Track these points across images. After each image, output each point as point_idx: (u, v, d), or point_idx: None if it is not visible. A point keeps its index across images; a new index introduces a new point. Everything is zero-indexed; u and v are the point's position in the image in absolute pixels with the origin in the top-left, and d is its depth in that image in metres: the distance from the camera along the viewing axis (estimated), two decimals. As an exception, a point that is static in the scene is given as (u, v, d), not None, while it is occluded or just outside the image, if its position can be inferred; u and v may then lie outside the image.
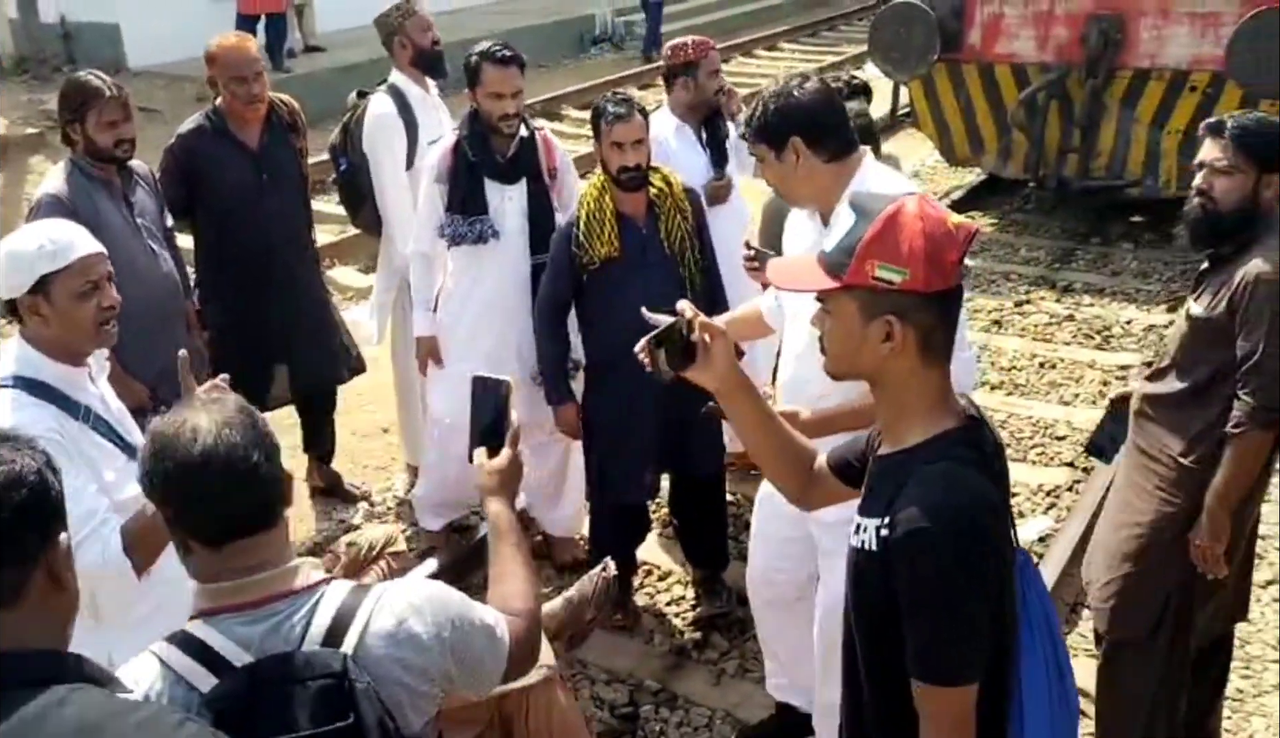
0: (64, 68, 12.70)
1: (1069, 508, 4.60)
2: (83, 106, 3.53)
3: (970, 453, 1.65)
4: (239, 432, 1.55)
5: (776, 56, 15.09)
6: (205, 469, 1.52)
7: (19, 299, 2.39)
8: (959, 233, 1.61)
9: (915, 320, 1.62)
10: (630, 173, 3.57)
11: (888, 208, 1.62)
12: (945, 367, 1.68)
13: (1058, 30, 7.27)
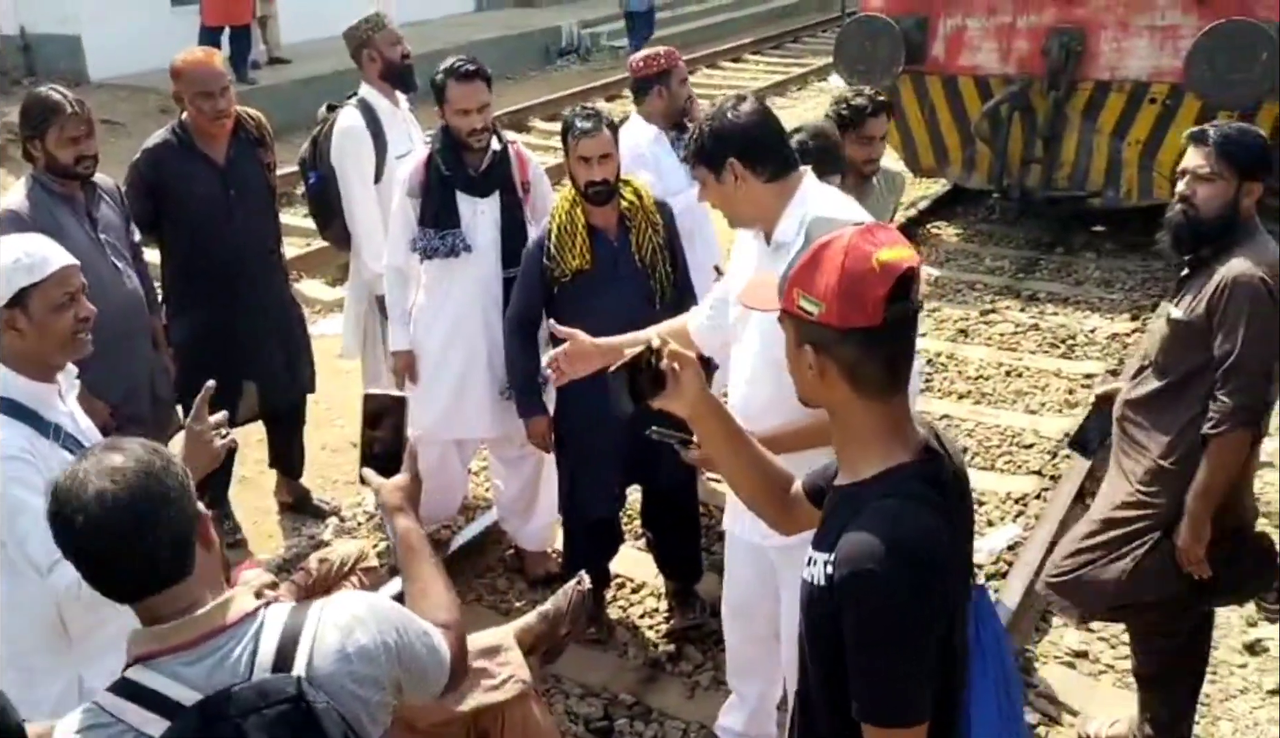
0: (24, 80, 12.55)
1: (1037, 516, 4.64)
2: (44, 122, 3.49)
3: (922, 488, 1.61)
4: (130, 488, 1.49)
5: (741, 68, 15.18)
6: (96, 536, 1.48)
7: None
8: (885, 270, 1.56)
9: (835, 354, 1.61)
10: (597, 187, 3.57)
11: (821, 238, 1.62)
12: (891, 400, 1.64)
13: (1019, 43, 7.37)
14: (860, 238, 1.60)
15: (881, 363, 1.61)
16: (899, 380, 1.64)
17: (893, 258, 1.57)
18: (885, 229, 1.65)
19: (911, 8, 7.55)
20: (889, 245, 1.59)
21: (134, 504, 1.48)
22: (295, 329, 4.50)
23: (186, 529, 1.54)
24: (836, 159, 3.51)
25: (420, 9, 15.69)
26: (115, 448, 1.55)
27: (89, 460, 1.52)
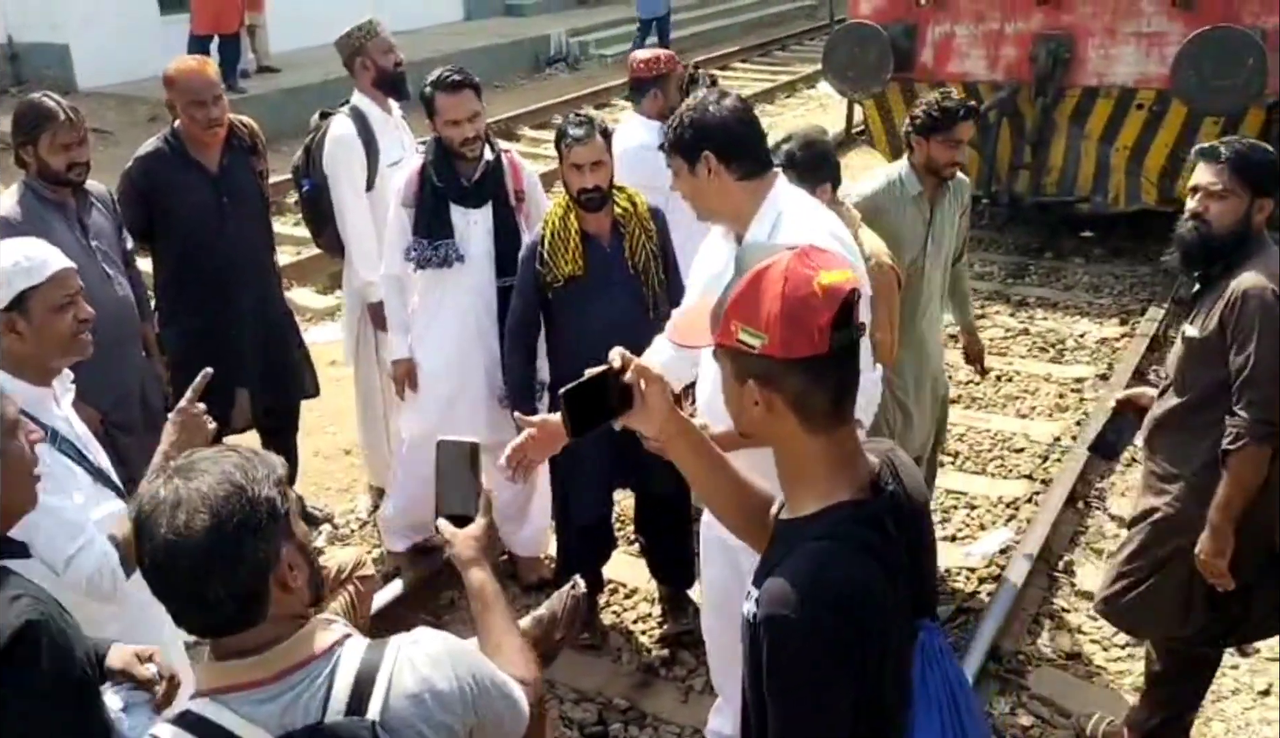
0: (11, 89, 12.53)
1: (1028, 520, 4.66)
2: (36, 129, 3.49)
3: (858, 530, 1.53)
4: (203, 531, 1.42)
5: (730, 76, 15.20)
6: (161, 582, 1.45)
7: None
8: (828, 294, 1.48)
9: (781, 386, 1.53)
10: (589, 194, 3.59)
11: (756, 266, 1.53)
12: (837, 431, 1.57)
13: (1007, 50, 7.41)
14: (798, 262, 1.52)
15: (829, 392, 1.54)
16: (845, 410, 1.57)
17: (835, 281, 1.50)
18: (820, 251, 1.57)
19: (899, 15, 7.60)
20: (828, 268, 1.51)
21: (203, 552, 1.42)
22: (289, 337, 4.50)
23: (258, 579, 1.46)
24: (829, 168, 3.52)
25: (410, 18, 15.68)
26: (202, 469, 1.48)
27: (176, 483, 1.46)
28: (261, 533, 1.46)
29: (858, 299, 1.52)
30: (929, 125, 3.79)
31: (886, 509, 1.57)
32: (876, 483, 1.60)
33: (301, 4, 13.53)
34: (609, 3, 18.76)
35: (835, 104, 11.52)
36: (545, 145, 11.68)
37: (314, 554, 1.61)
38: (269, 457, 1.55)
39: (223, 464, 1.49)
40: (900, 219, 3.84)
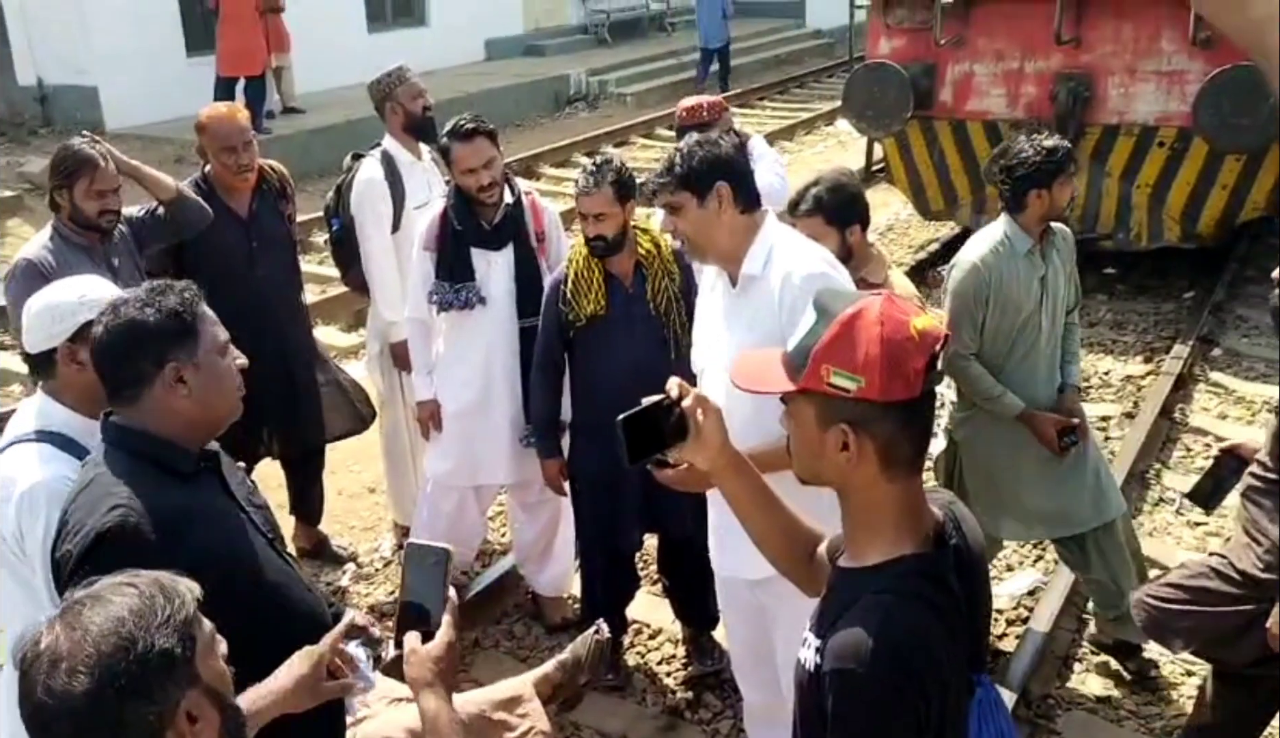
0: (41, 130, 12.74)
1: (1056, 561, 4.62)
2: (73, 174, 3.56)
3: (922, 585, 1.53)
4: (97, 674, 1.30)
5: (748, 113, 15.30)
6: (48, 732, 1.33)
7: (58, 348, 2.42)
8: (924, 339, 1.50)
9: (873, 431, 1.53)
10: (593, 242, 3.62)
11: (847, 310, 1.53)
12: (913, 480, 1.58)
13: (1027, 88, 7.44)
14: (890, 307, 1.52)
15: (915, 438, 1.55)
16: (922, 457, 1.58)
17: (928, 326, 1.52)
18: (903, 298, 1.58)
19: (919, 54, 7.65)
20: (917, 313, 1.53)
21: (79, 720, 1.30)
22: (315, 376, 4.53)
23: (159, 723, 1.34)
24: (858, 210, 3.53)
25: (432, 59, 15.89)
26: (91, 612, 1.35)
27: (57, 630, 1.35)
28: (151, 694, 1.33)
29: (944, 346, 1.53)
30: (1051, 171, 3.62)
31: (949, 564, 1.57)
32: (940, 535, 1.60)
33: (325, 46, 13.73)
34: (629, 42, 18.95)
35: (854, 141, 11.57)
36: (566, 184, 11.77)
37: (228, 697, 1.47)
38: (177, 585, 1.42)
39: (115, 607, 1.35)
40: (1013, 279, 3.66)
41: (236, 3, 11.71)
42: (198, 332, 2.05)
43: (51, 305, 2.47)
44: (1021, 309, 3.69)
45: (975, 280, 3.64)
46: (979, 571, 1.66)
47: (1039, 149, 3.63)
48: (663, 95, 15.90)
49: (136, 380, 2.01)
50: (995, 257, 3.65)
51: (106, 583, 1.40)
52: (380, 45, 15.30)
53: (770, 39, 20.19)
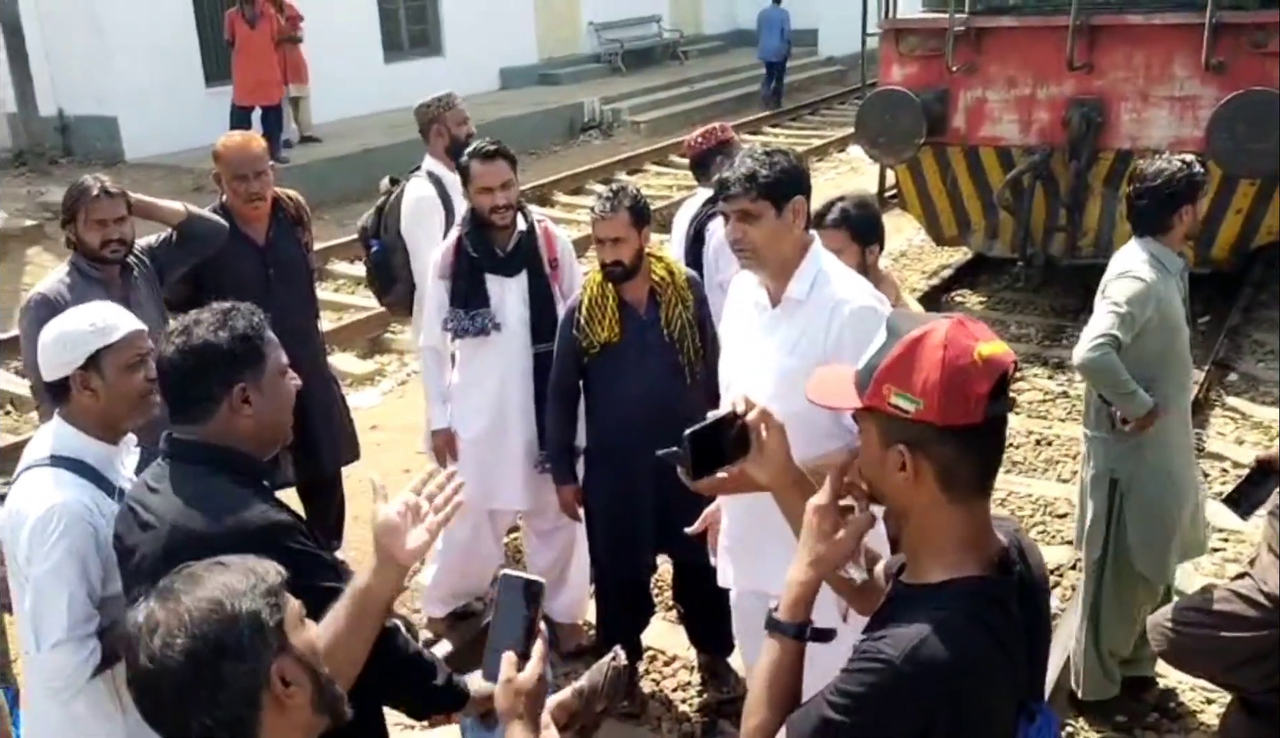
0: (61, 160, 12.89)
1: (1073, 587, 4.59)
2: (73, 208, 3.62)
3: (983, 608, 1.51)
4: (193, 634, 1.37)
5: (760, 140, 15.38)
6: (155, 697, 1.39)
7: (71, 375, 2.45)
8: (988, 364, 1.48)
9: (932, 453, 1.51)
10: (609, 267, 3.64)
11: (914, 331, 1.53)
12: (976, 504, 1.55)
13: (1040, 114, 7.47)
14: (958, 331, 1.51)
15: (977, 464, 1.53)
16: (988, 483, 1.57)
17: (995, 353, 1.49)
18: (976, 322, 1.55)
19: (931, 81, 7.68)
20: (987, 339, 1.51)
21: (180, 679, 1.37)
22: (334, 403, 4.56)
23: (244, 705, 1.40)
24: (879, 230, 3.55)
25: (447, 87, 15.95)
26: (183, 589, 1.43)
27: (153, 605, 1.42)
28: (244, 654, 1.39)
29: (1015, 372, 1.52)
30: (1198, 185, 3.55)
31: (1011, 590, 1.55)
32: (1005, 561, 1.58)
33: (343, 76, 13.87)
34: (642, 71, 19.08)
35: (867, 167, 11.61)
36: (579, 211, 11.84)
37: (321, 669, 1.50)
38: (260, 564, 1.49)
39: (206, 581, 1.43)
40: (1171, 301, 3.55)
41: (252, 35, 11.88)
42: (264, 355, 2.12)
43: (63, 334, 2.49)
44: (1180, 330, 3.60)
45: (1146, 295, 3.48)
46: (1041, 600, 1.65)
47: (1182, 164, 3.54)
48: (676, 123, 15.99)
49: (205, 400, 2.06)
50: (1159, 280, 3.51)
51: (198, 565, 1.48)
52: (396, 75, 15.47)
53: (782, 66, 20.29)
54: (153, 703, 1.39)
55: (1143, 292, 3.48)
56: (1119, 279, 3.54)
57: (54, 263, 9.82)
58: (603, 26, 19.31)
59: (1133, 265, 3.54)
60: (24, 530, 2.33)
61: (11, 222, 10.21)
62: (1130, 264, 3.56)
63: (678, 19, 20.96)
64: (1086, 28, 7.13)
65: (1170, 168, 3.54)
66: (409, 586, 4.81)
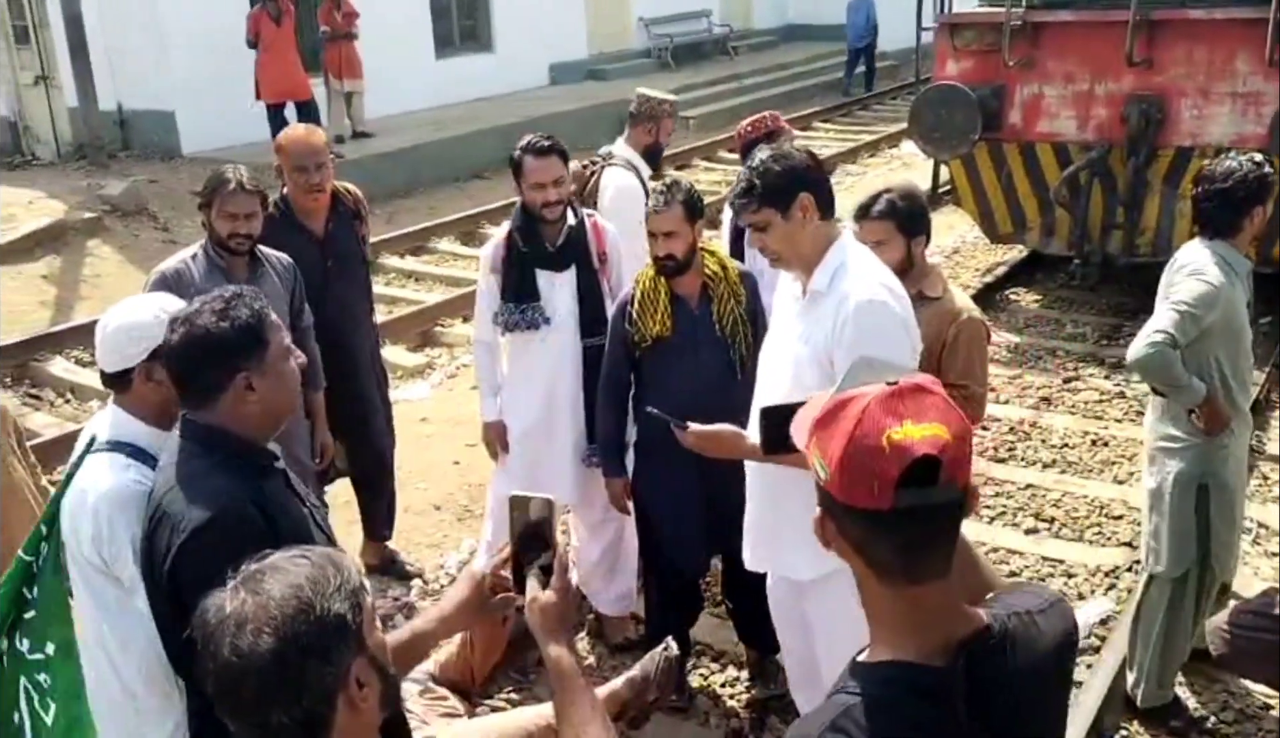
0: (120, 154, 13.12)
1: (1129, 589, 4.52)
2: (211, 193, 3.69)
3: (907, 699, 1.34)
4: (282, 634, 1.38)
5: (810, 136, 15.28)
6: (236, 692, 1.39)
7: (136, 366, 2.46)
8: (894, 451, 1.29)
9: (844, 527, 1.36)
10: (662, 262, 3.64)
11: (850, 391, 1.37)
12: (909, 589, 1.35)
13: (1098, 110, 7.35)
14: (880, 406, 1.32)
15: (894, 549, 1.34)
16: (918, 570, 1.35)
17: (909, 438, 1.29)
18: (920, 397, 1.34)
19: (987, 76, 7.59)
20: (916, 419, 1.31)
21: (266, 677, 1.38)
22: (382, 393, 4.62)
23: (323, 704, 1.41)
24: (926, 221, 3.53)
25: (497, 84, 16.13)
26: (270, 580, 1.43)
27: (243, 595, 1.42)
28: (329, 655, 1.40)
29: (945, 462, 1.30)
30: (1269, 185, 3.48)
31: (956, 684, 1.34)
32: (973, 648, 1.36)
33: (395, 72, 13.99)
34: (692, 66, 19.04)
35: (919, 163, 11.49)
36: (629, 206, 11.84)
37: (388, 666, 1.53)
38: (344, 562, 1.49)
39: (292, 575, 1.44)
40: (1237, 304, 3.50)
41: (278, 33, 12.05)
42: (267, 341, 2.16)
43: (128, 326, 2.49)
44: (1244, 332, 3.54)
45: (1214, 298, 3.42)
46: (1023, 696, 1.40)
47: (1253, 164, 3.47)
48: (725, 119, 15.92)
49: (211, 388, 2.13)
50: (1227, 282, 3.44)
51: (280, 556, 1.48)
52: (448, 71, 15.58)
53: (832, 61, 20.15)
54: (233, 697, 1.40)
55: (1210, 294, 3.41)
56: (1187, 279, 3.47)
57: (113, 255, 10.01)
58: (653, 22, 19.27)
59: (1202, 266, 3.47)
60: (87, 515, 2.34)
61: (71, 214, 10.40)
62: (1199, 264, 3.49)
63: (728, 14, 20.87)
64: (1146, 22, 7.00)
65: (1240, 168, 3.46)
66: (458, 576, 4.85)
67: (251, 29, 12.06)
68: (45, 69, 13.65)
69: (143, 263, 9.72)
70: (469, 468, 5.83)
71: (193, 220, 10.56)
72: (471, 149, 13.43)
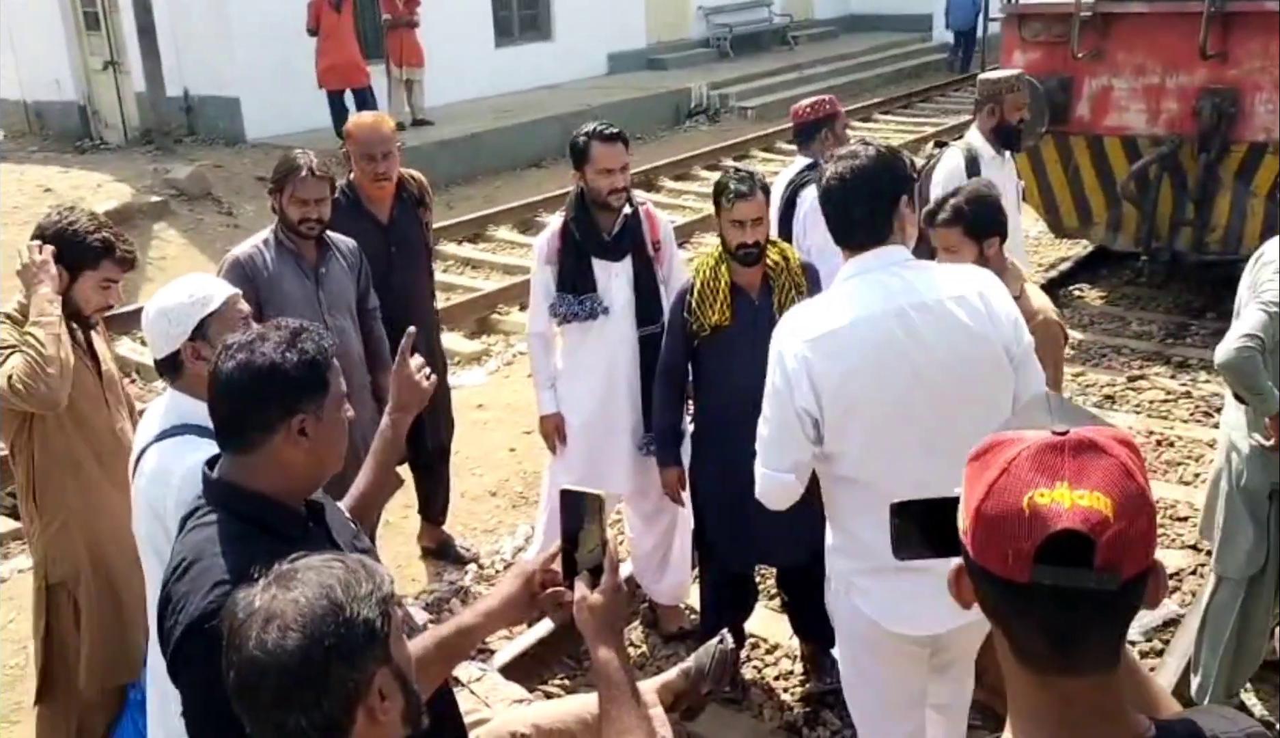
0: (185, 139, 13.35)
1: (1193, 593, 4.43)
2: (283, 179, 3.74)
3: None
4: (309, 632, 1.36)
5: (872, 128, 15.14)
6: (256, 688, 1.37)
7: (182, 347, 2.53)
8: (1034, 520, 1.07)
9: (980, 591, 1.15)
10: (748, 249, 3.62)
11: (1011, 430, 1.15)
12: (1057, 681, 1.13)
13: (1169, 103, 7.18)
14: (1032, 458, 1.10)
15: (1037, 630, 1.12)
16: (1076, 660, 1.12)
17: (1055, 505, 1.07)
18: (1090, 456, 1.10)
19: (1055, 68, 7.45)
20: (1073, 482, 1.08)
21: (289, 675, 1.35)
22: (442, 379, 4.65)
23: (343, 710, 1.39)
24: (999, 222, 3.46)
25: (556, 73, 16.17)
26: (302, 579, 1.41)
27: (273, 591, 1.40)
28: (354, 660, 1.38)
29: (1103, 542, 1.06)
30: None
31: None
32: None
33: (455, 60, 14.08)
34: (750, 56, 18.94)
35: (981, 157, 11.33)
36: (685, 196, 11.82)
37: (411, 680, 1.49)
38: (377, 569, 1.47)
39: (325, 575, 1.41)
40: None
41: (339, 20, 12.17)
42: (328, 384, 1.93)
43: (165, 310, 2.56)
44: None
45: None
46: None
47: None
48: (783, 109, 15.76)
49: (261, 427, 1.87)
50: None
51: (314, 558, 1.45)
52: (507, 60, 15.65)
53: (894, 52, 19.95)
54: (253, 693, 1.38)
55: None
56: (1275, 277, 3.38)
57: (177, 238, 10.20)
58: (712, 11, 19.19)
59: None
60: (172, 491, 2.36)
61: (138, 197, 10.61)
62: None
63: (788, 4, 20.73)
64: (1221, 14, 6.82)
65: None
66: (514, 561, 4.89)
67: (312, 17, 12.19)
68: (114, 55, 13.92)
69: (206, 246, 9.90)
70: (524, 455, 5.86)
71: (254, 204, 10.74)
72: (530, 137, 13.48)
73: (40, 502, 3.29)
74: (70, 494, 3.27)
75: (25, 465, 3.26)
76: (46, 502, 3.28)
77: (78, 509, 3.27)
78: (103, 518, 3.27)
